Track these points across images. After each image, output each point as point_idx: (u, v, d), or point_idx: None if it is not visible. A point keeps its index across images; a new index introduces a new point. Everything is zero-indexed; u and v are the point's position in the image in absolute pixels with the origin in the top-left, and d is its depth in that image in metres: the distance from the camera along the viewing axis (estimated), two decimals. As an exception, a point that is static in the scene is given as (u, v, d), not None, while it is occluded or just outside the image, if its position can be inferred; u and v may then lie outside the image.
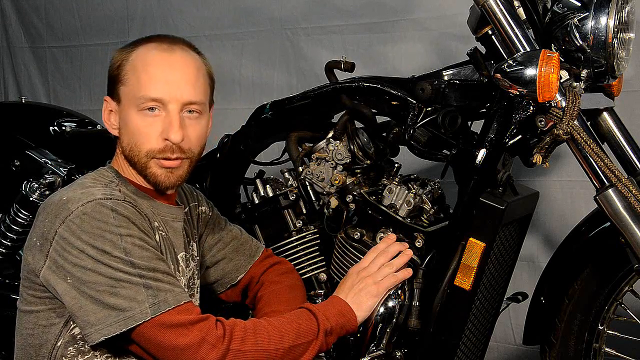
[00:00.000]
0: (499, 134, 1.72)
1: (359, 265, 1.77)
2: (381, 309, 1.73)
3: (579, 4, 1.70)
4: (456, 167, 1.80)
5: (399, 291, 1.76)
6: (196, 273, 1.76)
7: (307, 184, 1.96)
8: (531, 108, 1.67)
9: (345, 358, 1.80)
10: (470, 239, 1.72)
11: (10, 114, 2.66)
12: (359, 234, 1.86)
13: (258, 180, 2.09)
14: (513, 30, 1.69)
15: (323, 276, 1.96)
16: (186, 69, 1.58)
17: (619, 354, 1.96)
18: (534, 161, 1.70)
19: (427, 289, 1.79)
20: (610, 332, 1.95)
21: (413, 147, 1.80)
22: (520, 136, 1.72)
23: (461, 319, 1.78)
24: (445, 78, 1.85)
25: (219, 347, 1.45)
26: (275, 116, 2.02)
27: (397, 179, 1.89)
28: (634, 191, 1.61)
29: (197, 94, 1.59)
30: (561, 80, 1.67)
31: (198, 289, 1.77)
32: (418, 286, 1.79)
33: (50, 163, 2.43)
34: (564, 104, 1.64)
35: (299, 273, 1.93)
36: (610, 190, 1.64)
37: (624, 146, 1.86)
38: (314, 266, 1.97)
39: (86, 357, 1.53)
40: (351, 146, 1.94)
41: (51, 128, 2.52)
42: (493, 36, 1.75)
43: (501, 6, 1.69)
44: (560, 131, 1.63)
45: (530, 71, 1.59)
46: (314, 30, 3.07)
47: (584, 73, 1.73)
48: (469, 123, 1.87)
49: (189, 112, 1.58)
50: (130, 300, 1.43)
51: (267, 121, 2.04)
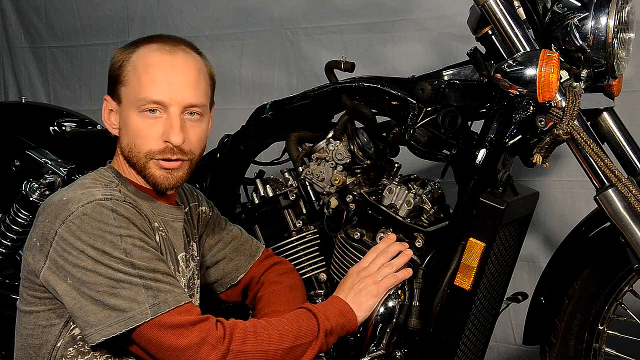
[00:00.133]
0: (499, 134, 1.71)
1: (359, 265, 1.77)
2: (381, 309, 1.73)
3: (579, 4, 1.70)
4: (456, 167, 1.80)
5: (399, 291, 1.76)
6: (196, 273, 1.76)
7: (307, 184, 1.96)
8: (531, 108, 1.67)
9: (345, 358, 1.80)
10: (470, 239, 1.72)
11: (10, 114, 2.66)
12: (359, 234, 1.86)
13: (258, 180, 2.09)
14: (513, 30, 1.69)
15: (323, 276, 1.96)
16: (188, 71, 1.58)
17: (619, 354, 1.96)
18: (534, 161, 1.70)
19: (427, 289, 1.79)
20: (610, 332, 1.95)
21: (413, 147, 1.80)
22: (520, 136, 1.72)
23: (461, 319, 1.78)
24: (445, 78, 1.85)
25: (219, 348, 1.45)
26: (275, 116, 2.02)
27: (397, 179, 1.89)
28: (634, 191, 1.61)
29: (198, 97, 1.58)
30: (561, 80, 1.67)
31: (198, 289, 1.77)
32: (418, 286, 1.79)
33: (50, 163, 2.43)
34: (564, 104, 1.64)
35: (299, 273, 1.93)
36: (610, 190, 1.64)
37: (624, 146, 1.86)
38: (314, 266, 1.97)
39: (86, 358, 1.53)
40: (351, 146, 1.93)
41: (51, 128, 2.51)
42: (493, 36, 1.75)
43: (501, 6, 1.69)
44: (560, 131, 1.63)
45: (530, 71, 1.59)
46: (314, 30, 3.07)
47: (584, 73, 1.73)
48: (469, 123, 1.87)
49: (190, 114, 1.58)
50: (131, 300, 1.43)
51: (267, 121, 2.04)
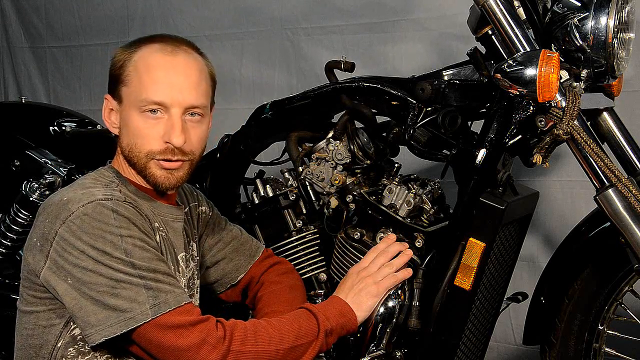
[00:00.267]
0: (499, 134, 1.71)
1: (359, 265, 1.77)
2: (381, 309, 1.73)
3: (579, 4, 1.70)
4: (456, 167, 1.80)
5: (399, 291, 1.76)
6: (196, 273, 1.76)
7: (307, 184, 1.96)
8: (531, 108, 1.67)
9: (345, 358, 1.80)
10: (470, 239, 1.72)
11: (10, 114, 2.66)
12: (359, 234, 1.86)
13: (258, 180, 2.09)
14: (513, 30, 1.69)
15: (323, 276, 1.96)
16: (189, 72, 1.57)
17: (619, 354, 1.96)
18: (534, 161, 1.70)
19: (427, 289, 1.79)
20: (610, 332, 1.95)
21: (413, 147, 1.80)
22: (520, 136, 1.72)
23: (461, 319, 1.78)
24: (445, 78, 1.85)
25: (220, 348, 1.45)
26: (275, 116, 2.02)
27: (397, 179, 1.89)
28: (634, 191, 1.61)
29: (200, 98, 1.58)
30: (561, 80, 1.67)
31: (198, 289, 1.77)
32: (418, 286, 1.79)
33: (50, 163, 2.43)
34: (564, 104, 1.64)
35: (299, 273, 1.93)
36: (610, 190, 1.63)
37: (624, 146, 1.86)
38: (314, 266, 1.97)
39: (86, 358, 1.53)
40: (351, 146, 1.93)
41: (51, 128, 2.51)
42: (493, 36, 1.75)
43: (501, 6, 1.69)
44: (560, 131, 1.63)
45: (530, 71, 1.59)
46: (314, 30, 3.07)
47: (584, 73, 1.73)
48: (469, 123, 1.87)
49: (191, 115, 1.58)
50: (131, 301, 1.43)
51: (267, 121, 2.04)
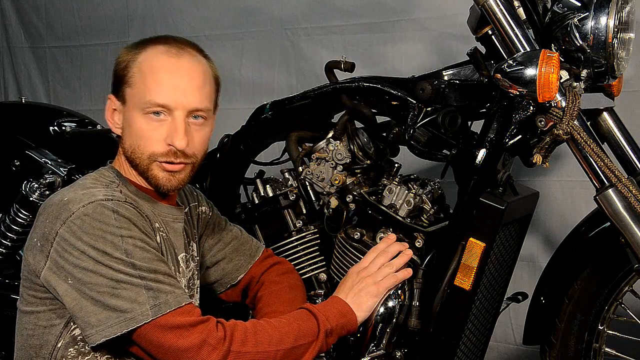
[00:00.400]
0: (499, 134, 1.71)
1: (359, 265, 1.77)
2: (381, 309, 1.73)
3: (579, 4, 1.70)
4: (456, 167, 1.80)
5: (399, 291, 1.76)
6: (196, 273, 1.76)
7: (307, 184, 1.96)
8: (531, 108, 1.67)
9: (345, 358, 1.80)
10: (470, 239, 1.72)
11: (10, 114, 2.66)
12: (359, 234, 1.86)
13: (258, 180, 2.09)
14: (513, 30, 1.69)
15: (323, 276, 1.96)
16: (193, 75, 1.57)
17: (619, 354, 1.96)
18: (534, 161, 1.70)
19: (427, 289, 1.79)
20: (610, 332, 1.95)
21: (413, 147, 1.80)
22: (520, 136, 1.72)
23: (461, 319, 1.78)
24: (445, 78, 1.85)
25: (220, 349, 1.45)
26: (275, 116, 2.02)
27: (397, 179, 1.89)
28: (634, 191, 1.61)
29: (203, 101, 1.58)
30: (561, 80, 1.67)
31: (198, 289, 1.77)
32: (418, 286, 1.79)
33: (50, 163, 2.43)
34: (564, 104, 1.64)
35: (299, 273, 1.93)
36: (610, 190, 1.64)
37: (624, 146, 1.86)
38: (314, 266, 1.97)
39: (87, 359, 1.53)
40: (351, 146, 1.93)
41: (51, 128, 2.51)
42: (493, 36, 1.75)
43: (501, 6, 1.69)
44: (560, 131, 1.63)
45: (530, 71, 1.59)
46: (314, 30, 3.07)
47: (584, 73, 1.73)
48: (469, 123, 1.87)
49: (194, 118, 1.58)
50: (131, 301, 1.43)
51: (267, 121, 2.04)
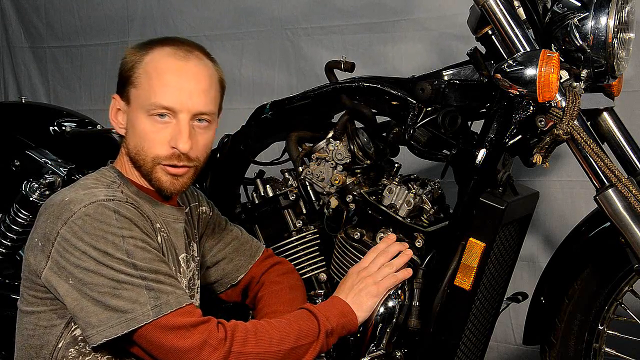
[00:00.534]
0: (499, 134, 1.71)
1: (359, 265, 1.77)
2: (381, 309, 1.73)
3: (579, 4, 1.70)
4: (456, 167, 1.80)
5: (399, 291, 1.76)
6: (196, 273, 1.76)
7: (307, 184, 1.96)
8: (531, 108, 1.67)
9: (345, 358, 1.80)
10: (470, 239, 1.72)
11: (10, 114, 2.66)
12: (359, 234, 1.86)
13: (258, 180, 2.09)
14: (513, 30, 1.69)
15: (323, 276, 1.96)
16: (200, 78, 1.57)
17: (619, 354, 1.96)
18: (534, 161, 1.70)
19: (427, 289, 1.79)
20: (610, 332, 1.95)
21: (413, 147, 1.80)
22: (520, 136, 1.72)
23: (461, 319, 1.78)
24: (445, 78, 1.85)
25: (221, 350, 1.45)
26: (275, 116, 2.02)
27: (397, 179, 1.89)
28: (634, 191, 1.61)
29: (208, 104, 1.58)
30: (561, 80, 1.67)
31: (198, 289, 1.77)
32: (418, 286, 1.79)
33: (50, 163, 2.43)
34: (564, 104, 1.64)
35: (299, 273, 1.93)
36: (610, 190, 1.64)
37: (624, 146, 1.86)
38: (314, 266, 1.97)
39: (87, 359, 1.53)
40: (351, 146, 1.93)
41: (51, 128, 2.51)
42: (493, 36, 1.75)
43: (501, 6, 1.69)
44: (560, 131, 1.63)
45: (530, 71, 1.59)
46: (314, 30, 3.07)
47: (584, 73, 1.73)
48: (469, 123, 1.87)
49: (199, 121, 1.58)
50: (132, 302, 1.43)
51: (267, 121, 2.04)
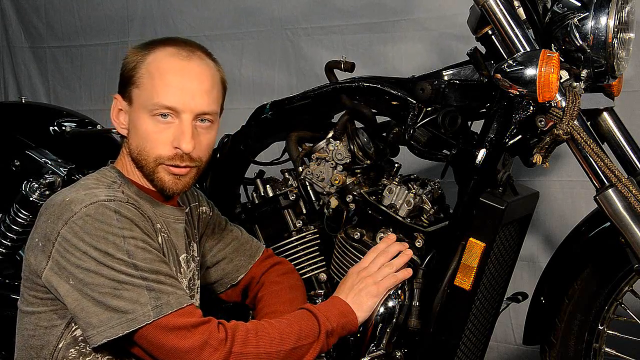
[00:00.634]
0: (499, 134, 1.72)
1: (359, 265, 1.77)
2: (381, 309, 1.73)
3: (579, 4, 1.70)
4: (456, 167, 1.80)
5: (399, 291, 1.76)
6: (196, 274, 1.76)
7: (307, 184, 1.96)
8: (531, 108, 1.67)
9: (345, 358, 1.80)
10: (470, 239, 1.72)
11: (10, 114, 2.66)
12: (359, 234, 1.86)
13: (258, 180, 2.09)
14: (513, 30, 1.69)
15: (323, 276, 1.96)
16: (202, 78, 1.57)
17: (619, 354, 1.96)
18: (534, 161, 1.70)
19: (427, 289, 1.79)
20: (610, 332, 1.95)
21: (413, 147, 1.80)
22: (520, 136, 1.72)
23: (461, 319, 1.78)
24: (445, 78, 1.85)
25: (221, 350, 1.45)
26: (275, 116, 2.02)
27: (397, 179, 1.89)
28: (634, 191, 1.61)
29: (211, 105, 1.58)
30: (561, 80, 1.67)
31: (198, 289, 1.77)
32: (418, 286, 1.79)
33: (50, 163, 2.43)
34: (564, 104, 1.64)
35: (299, 273, 1.93)
36: (610, 190, 1.64)
37: (624, 146, 1.86)
38: (314, 266, 1.97)
39: (87, 359, 1.53)
40: (351, 146, 1.93)
41: (51, 128, 2.52)
42: (493, 36, 1.75)
43: (501, 6, 1.69)
44: (560, 131, 1.63)
45: (530, 71, 1.59)
46: (314, 30, 3.07)
47: (584, 73, 1.73)
48: (469, 123, 1.87)
49: (201, 121, 1.58)
50: (133, 302, 1.43)
51: (267, 121, 2.04)
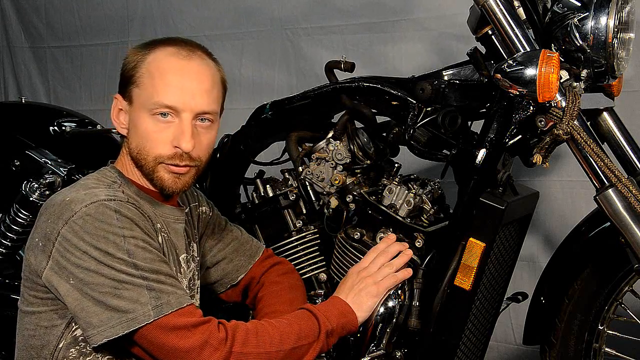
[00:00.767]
0: (499, 134, 1.72)
1: (359, 265, 1.77)
2: (381, 309, 1.73)
3: (579, 4, 1.70)
4: (456, 167, 1.80)
5: (399, 291, 1.76)
6: (196, 274, 1.76)
7: (307, 184, 1.96)
8: (531, 108, 1.67)
9: (345, 358, 1.80)
10: (470, 239, 1.72)
11: (10, 114, 2.66)
12: (359, 234, 1.86)
13: (258, 180, 2.10)
14: (513, 30, 1.69)
15: (323, 276, 1.96)
16: (202, 78, 1.57)
17: (619, 354, 1.96)
18: (534, 161, 1.70)
19: (427, 289, 1.79)
20: (610, 332, 1.95)
21: (413, 147, 1.80)
22: (520, 136, 1.72)
23: (461, 319, 1.78)
24: (445, 78, 1.85)
25: (221, 350, 1.46)
26: (275, 116, 2.02)
27: (397, 179, 1.89)
28: (634, 191, 1.61)
29: (211, 104, 1.58)
30: (561, 80, 1.67)
31: (198, 290, 1.77)
32: (418, 286, 1.79)
33: (50, 163, 2.43)
34: (564, 104, 1.64)
35: (299, 273, 1.93)
36: (610, 190, 1.64)
37: (624, 146, 1.86)
38: (314, 266, 1.97)
39: (88, 359, 1.53)
40: (351, 146, 1.93)
41: (51, 128, 2.52)
42: (493, 36, 1.75)
43: (501, 6, 1.69)
44: (560, 131, 1.63)
45: (530, 71, 1.59)
46: (314, 30, 3.07)
47: (584, 73, 1.73)
48: (469, 123, 1.87)
49: (201, 121, 1.58)
50: (133, 302, 1.43)
51: (267, 121, 2.04)
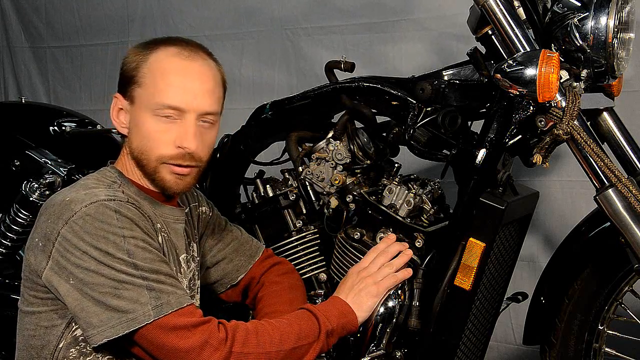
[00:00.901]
0: (499, 134, 1.72)
1: (359, 265, 1.77)
2: (381, 309, 1.73)
3: (579, 4, 1.70)
4: (456, 167, 1.80)
5: (399, 291, 1.76)
6: (196, 274, 1.76)
7: (307, 184, 1.96)
8: (531, 108, 1.67)
9: (345, 358, 1.80)
10: (470, 239, 1.72)
11: (10, 114, 2.66)
12: (359, 234, 1.86)
13: (258, 180, 2.10)
14: (513, 30, 1.69)
15: (323, 276, 1.96)
16: (205, 79, 1.58)
17: (619, 354, 1.96)
18: (534, 161, 1.70)
19: (427, 289, 1.79)
20: (610, 332, 1.95)
21: (413, 147, 1.80)
22: (520, 136, 1.72)
23: (461, 319, 1.78)
24: (445, 78, 1.85)
25: (222, 350, 1.46)
26: (275, 116, 2.03)
27: (397, 179, 1.89)
28: (634, 191, 1.61)
29: (213, 105, 1.59)
30: (561, 80, 1.67)
31: (198, 289, 1.77)
32: (418, 286, 1.79)
33: (50, 163, 2.43)
34: (564, 104, 1.64)
35: (299, 273, 1.93)
36: (610, 190, 1.64)
37: (624, 146, 1.86)
38: (314, 266, 1.97)
39: (88, 359, 1.53)
40: (351, 146, 1.94)
41: (51, 128, 2.52)
42: (493, 36, 1.75)
43: (501, 6, 1.69)
44: (560, 131, 1.63)
45: (530, 71, 1.59)
46: (314, 30, 3.07)
47: (584, 73, 1.73)
48: (469, 123, 1.87)
49: (203, 122, 1.58)
50: (133, 302, 1.43)
51: (267, 121, 2.04)
